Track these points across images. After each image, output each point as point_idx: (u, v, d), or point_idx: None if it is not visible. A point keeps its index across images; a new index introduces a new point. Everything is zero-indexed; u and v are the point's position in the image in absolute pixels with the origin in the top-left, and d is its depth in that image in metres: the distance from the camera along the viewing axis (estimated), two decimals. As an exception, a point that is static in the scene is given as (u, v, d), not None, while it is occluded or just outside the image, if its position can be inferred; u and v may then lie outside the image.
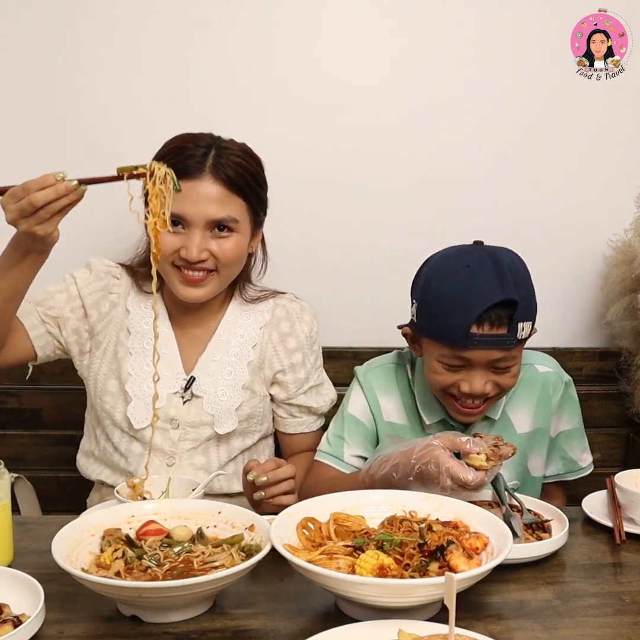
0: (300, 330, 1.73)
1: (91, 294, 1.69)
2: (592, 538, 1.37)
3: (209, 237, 1.58)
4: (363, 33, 2.07)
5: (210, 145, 1.59)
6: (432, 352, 1.52)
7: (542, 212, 2.15)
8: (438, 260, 1.55)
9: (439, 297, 1.49)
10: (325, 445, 1.67)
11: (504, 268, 1.46)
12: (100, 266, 1.73)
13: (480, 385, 1.49)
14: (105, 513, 1.25)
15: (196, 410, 1.66)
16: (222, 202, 1.57)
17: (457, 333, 1.44)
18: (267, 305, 1.75)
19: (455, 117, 2.10)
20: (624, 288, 2.04)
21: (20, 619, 1.01)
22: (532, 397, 1.64)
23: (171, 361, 1.68)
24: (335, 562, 1.11)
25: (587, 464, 1.72)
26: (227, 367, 1.69)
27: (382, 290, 2.11)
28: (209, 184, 1.56)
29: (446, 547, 1.11)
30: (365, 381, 1.68)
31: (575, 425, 1.69)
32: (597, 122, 2.13)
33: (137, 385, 1.65)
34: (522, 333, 1.47)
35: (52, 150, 2.04)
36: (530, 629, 1.09)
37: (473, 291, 1.44)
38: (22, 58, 2.02)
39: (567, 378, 1.69)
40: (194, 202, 1.55)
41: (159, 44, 2.03)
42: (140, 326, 1.70)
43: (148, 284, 1.70)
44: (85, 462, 1.74)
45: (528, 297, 1.49)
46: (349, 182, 2.10)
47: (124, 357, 1.68)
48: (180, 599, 1.07)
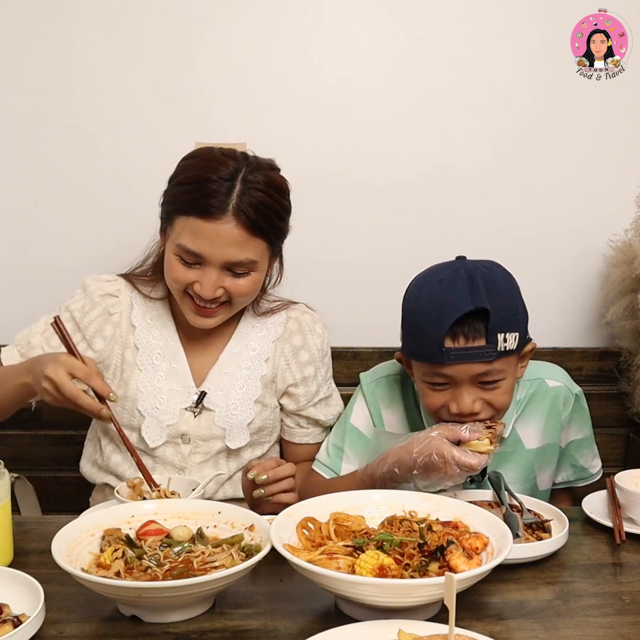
0: (312, 344, 1.71)
1: (91, 323, 1.66)
2: (592, 538, 1.37)
3: (225, 275, 1.54)
4: (363, 34, 2.07)
5: (234, 175, 1.51)
6: (418, 373, 1.49)
7: (542, 212, 2.15)
8: (418, 278, 1.52)
9: (413, 315, 1.47)
10: (324, 456, 1.66)
11: (475, 278, 1.42)
12: (95, 289, 1.67)
13: (468, 404, 1.42)
14: (105, 513, 1.25)
15: (207, 423, 1.64)
16: (242, 246, 1.51)
17: (431, 349, 1.40)
18: (280, 318, 1.72)
19: (455, 117, 2.10)
20: (624, 288, 2.04)
21: (20, 619, 1.01)
22: (542, 413, 1.60)
23: (182, 375, 1.65)
24: (335, 562, 1.11)
25: (597, 470, 1.70)
26: (239, 380, 1.66)
27: (382, 290, 2.10)
28: (231, 227, 1.49)
29: (446, 547, 1.11)
30: (369, 393, 1.65)
31: (586, 434, 1.66)
32: (597, 122, 2.13)
33: (149, 403, 1.63)
34: (504, 344, 1.40)
35: (52, 152, 2.05)
36: (530, 629, 1.09)
37: (444, 304, 1.41)
38: (18, 61, 2.02)
39: (578, 389, 1.64)
40: (213, 244, 1.50)
41: (156, 45, 2.03)
42: (147, 341, 1.66)
43: (154, 289, 1.68)
44: (90, 469, 1.73)
45: (508, 308, 1.43)
46: (349, 183, 2.10)
47: (131, 374, 1.65)
48: (180, 599, 1.07)
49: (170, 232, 1.55)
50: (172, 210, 1.55)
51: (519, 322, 1.45)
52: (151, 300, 1.69)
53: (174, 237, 1.54)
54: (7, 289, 2.09)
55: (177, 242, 1.52)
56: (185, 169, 1.56)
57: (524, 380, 1.57)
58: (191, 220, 1.50)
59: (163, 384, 1.64)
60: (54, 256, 2.08)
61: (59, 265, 2.07)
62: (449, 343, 1.40)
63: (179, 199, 1.53)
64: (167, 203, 1.58)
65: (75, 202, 2.07)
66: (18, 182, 2.07)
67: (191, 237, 1.50)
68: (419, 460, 1.34)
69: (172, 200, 1.55)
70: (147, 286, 1.69)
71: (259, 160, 1.58)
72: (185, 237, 1.51)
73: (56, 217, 2.08)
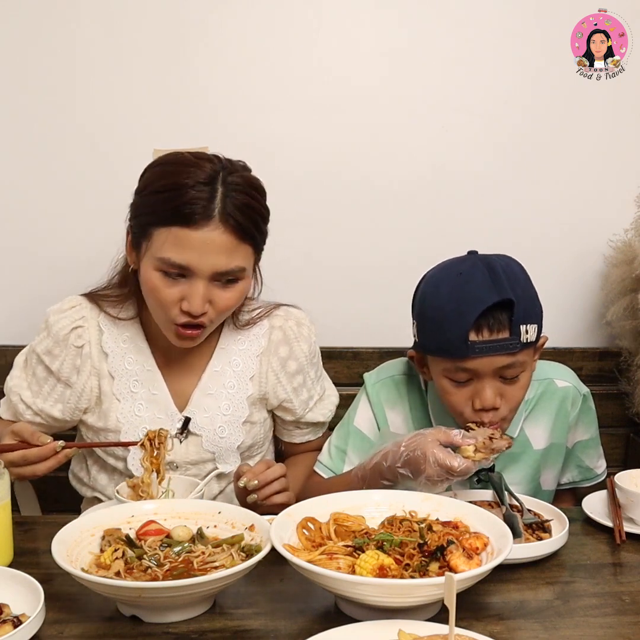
0: (299, 352, 1.64)
1: (62, 365, 1.58)
2: (592, 538, 1.37)
3: (212, 287, 1.44)
4: (363, 34, 2.07)
5: (213, 178, 1.41)
6: (438, 370, 1.47)
7: (542, 212, 2.16)
8: (432, 274, 1.52)
9: (434, 310, 1.45)
10: (326, 457, 1.64)
11: (497, 270, 1.43)
12: (59, 329, 1.57)
13: (490, 398, 1.42)
14: (105, 513, 1.25)
15: (195, 448, 1.59)
16: (231, 253, 1.42)
17: (456, 343, 1.39)
18: (262, 329, 1.63)
19: (455, 117, 2.10)
20: (624, 288, 2.04)
21: (20, 619, 1.01)
22: (551, 413, 1.60)
23: (162, 402, 1.58)
24: (335, 562, 1.11)
25: (602, 470, 1.70)
26: (225, 401, 1.60)
27: (382, 290, 2.10)
28: (219, 234, 1.40)
29: (446, 547, 1.11)
30: (373, 394, 1.64)
31: (592, 434, 1.66)
32: (597, 122, 2.13)
33: (132, 434, 1.56)
34: (526, 336, 1.41)
35: (52, 152, 2.05)
36: (530, 629, 1.09)
37: (467, 297, 1.40)
38: (17, 63, 2.02)
39: (586, 390, 1.64)
40: (200, 253, 1.40)
41: (157, 46, 2.03)
42: (123, 368, 1.58)
43: (122, 310, 1.59)
44: (77, 483, 1.71)
45: (528, 299, 1.45)
46: (349, 183, 2.10)
47: (110, 406, 1.58)
48: (180, 599, 1.07)
49: (148, 246, 1.44)
50: (148, 223, 1.43)
51: (538, 314, 1.47)
52: (121, 322, 1.59)
53: (153, 251, 1.42)
54: (6, 289, 2.09)
55: (158, 255, 1.41)
56: (158, 176, 1.45)
57: (533, 380, 1.55)
58: (174, 231, 1.39)
59: (144, 412, 1.57)
60: (54, 256, 2.08)
61: (59, 265, 2.07)
62: (473, 336, 1.39)
63: (157, 209, 1.42)
64: (141, 215, 1.46)
65: (75, 202, 2.07)
66: (18, 182, 2.07)
67: (176, 249, 1.40)
68: (404, 455, 1.33)
69: (149, 211, 1.44)
70: (114, 307, 1.59)
71: (232, 162, 1.48)
72: (169, 249, 1.40)
73: (56, 217, 2.08)
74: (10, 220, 2.08)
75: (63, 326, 1.58)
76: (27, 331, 1.77)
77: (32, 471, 1.38)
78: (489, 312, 1.39)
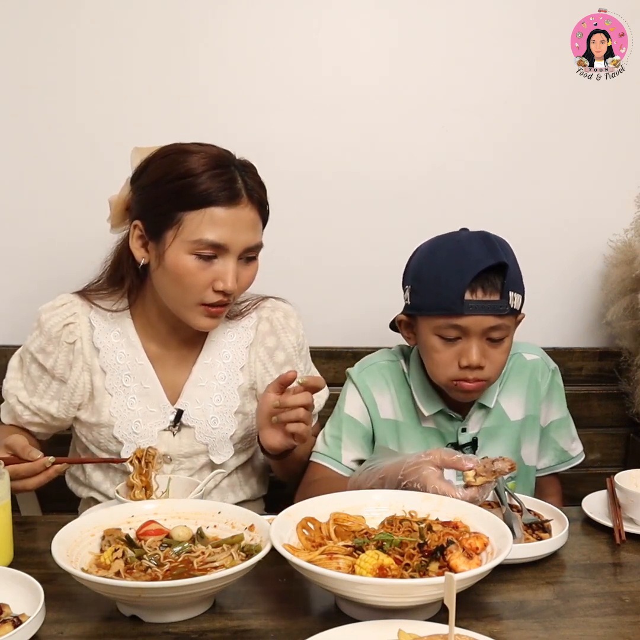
0: (287, 342, 1.67)
1: (56, 362, 1.59)
2: (592, 538, 1.37)
3: (238, 265, 1.50)
4: (363, 34, 2.07)
5: (227, 160, 1.50)
6: (428, 329, 1.54)
7: (542, 212, 2.16)
8: (427, 244, 1.61)
9: (432, 269, 1.53)
10: (321, 446, 1.65)
11: (491, 239, 1.53)
12: (51, 327, 1.58)
13: (477, 355, 1.50)
14: (105, 513, 1.25)
15: (188, 440, 1.60)
16: (256, 228, 1.51)
17: (452, 299, 1.47)
18: (251, 321, 1.67)
19: (455, 117, 2.10)
20: (624, 288, 2.04)
21: (20, 619, 1.01)
22: (522, 385, 1.66)
23: (155, 395, 1.59)
24: (335, 562, 1.11)
25: (577, 453, 1.73)
26: (216, 392, 1.62)
27: (382, 290, 2.10)
28: (248, 210, 1.48)
29: (446, 547, 1.11)
30: (359, 380, 1.67)
31: (563, 413, 1.71)
32: (597, 122, 2.14)
33: (125, 428, 1.58)
34: (513, 302, 1.50)
35: (52, 152, 2.05)
36: (530, 629, 1.09)
37: (465, 257, 1.49)
38: (17, 62, 2.02)
39: (554, 365, 1.70)
40: (233, 230, 1.46)
41: (157, 46, 2.03)
42: (114, 363, 1.59)
43: (114, 302, 1.61)
44: (73, 484, 1.72)
45: (517, 270, 1.54)
46: (349, 183, 2.11)
47: (102, 400, 1.59)
48: (180, 599, 1.07)
49: (179, 232, 1.46)
50: (176, 209, 1.46)
51: (522, 287, 1.55)
52: (112, 316, 1.61)
53: (186, 235, 1.46)
54: (6, 289, 2.09)
55: (194, 238, 1.45)
56: (173, 164, 1.49)
57: None
58: (210, 211, 1.45)
59: (137, 406, 1.58)
60: (54, 256, 2.08)
61: (60, 264, 2.07)
62: (468, 296, 1.48)
63: (184, 194, 1.45)
64: (163, 204, 1.48)
65: (74, 202, 2.07)
66: (17, 182, 2.07)
67: (213, 228, 1.45)
68: (402, 483, 1.33)
69: (174, 198, 1.46)
70: (106, 300, 1.62)
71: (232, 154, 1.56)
72: (205, 230, 1.45)
73: (56, 217, 2.08)
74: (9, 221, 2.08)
75: (55, 323, 1.59)
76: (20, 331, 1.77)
77: (23, 485, 1.40)
78: (484, 274, 1.48)
